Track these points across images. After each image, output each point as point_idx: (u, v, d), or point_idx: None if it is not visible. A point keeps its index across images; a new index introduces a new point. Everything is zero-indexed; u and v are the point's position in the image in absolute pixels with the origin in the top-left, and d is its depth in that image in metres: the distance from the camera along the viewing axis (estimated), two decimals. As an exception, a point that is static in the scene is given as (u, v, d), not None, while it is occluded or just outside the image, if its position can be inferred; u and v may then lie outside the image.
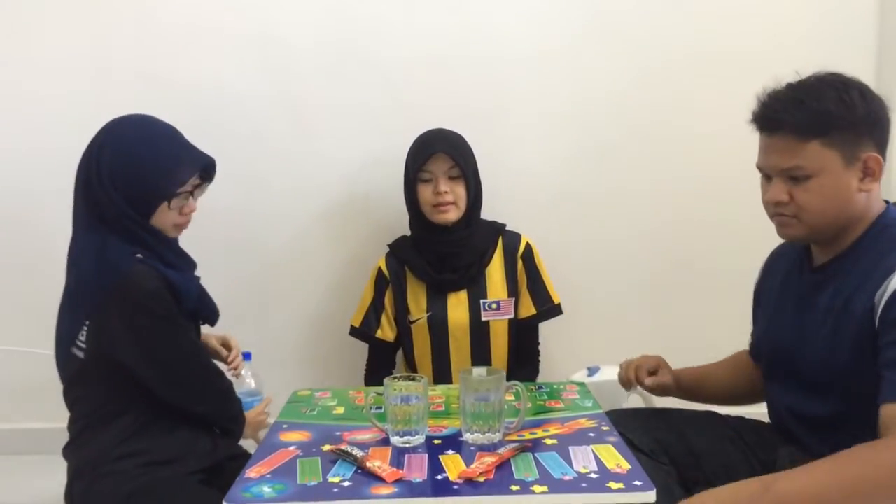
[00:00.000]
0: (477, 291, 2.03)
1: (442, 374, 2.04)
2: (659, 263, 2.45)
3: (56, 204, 2.26)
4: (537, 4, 2.34)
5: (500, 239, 2.08)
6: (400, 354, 2.19)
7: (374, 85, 2.34)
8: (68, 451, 1.50)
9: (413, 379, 1.37)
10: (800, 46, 2.31)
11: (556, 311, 2.10)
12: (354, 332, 2.13)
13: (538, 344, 2.15)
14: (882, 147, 1.28)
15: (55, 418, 1.43)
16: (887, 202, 1.35)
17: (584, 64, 2.36)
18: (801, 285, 1.40)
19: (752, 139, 2.39)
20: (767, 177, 1.34)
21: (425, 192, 1.98)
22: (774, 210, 1.33)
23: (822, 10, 2.36)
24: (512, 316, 2.06)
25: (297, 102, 2.34)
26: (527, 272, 2.07)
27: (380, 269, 2.09)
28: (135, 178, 1.42)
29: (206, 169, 1.51)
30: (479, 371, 1.40)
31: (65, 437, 1.51)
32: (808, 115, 1.24)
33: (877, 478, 1.06)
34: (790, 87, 1.30)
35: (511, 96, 2.37)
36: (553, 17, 2.34)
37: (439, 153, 1.95)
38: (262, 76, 2.32)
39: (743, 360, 1.64)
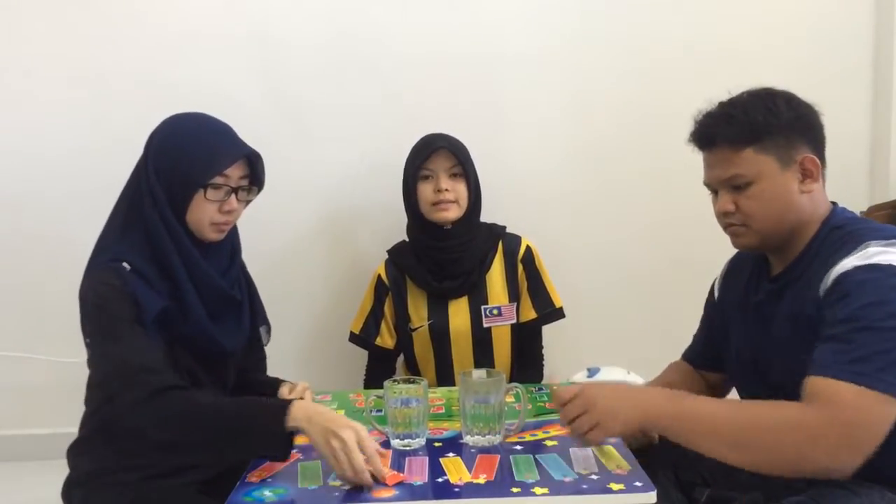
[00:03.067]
0: (478, 298, 2.02)
1: (444, 382, 2.02)
2: (659, 263, 2.45)
3: (57, 208, 2.29)
4: (534, 5, 2.35)
5: (500, 243, 2.07)
6: (401, 360, 2.19)
7: (372, 87, 2.34)
8: (72, 453, 1.49)
9: (413, 382, 1.38)
10: (796, 44, 2.32)
11: (557, 314, 2.09)
12: (354, 338, 2.12)
13: (541, 348, 2.14)
14: (818, 149, 1.34)
15: (55, 424, 1.42)
16: (834, 203, 1.37)
17: (582, 64, 2.37)
18: (760, 296, 1.42)
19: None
20: (715, 191, 1.40)
21: (425, 191, 1.96)
22: (725, 221, 1.38)
23: (818, 9, 2.36)
24: (514, 321, 2.05)
25: (295, 105, 2.34)
26: (527, 276, 2.06)
27: (379, 277, 2.08)
28: (174, 160, 1.41)
29: (251, 165, 1.48)
30: (479, 373, 1.40)
31: (65, 443, 1.51)
32: (738, 126, 1.31)
33: (765, 425, 1.15)
34: (721, 104, 1.37)
35: (509, 97, 2.37)
36: (550, 17, 2.35)
37: (441, 150, 1.94)
38: (260, 79, 2.33)
39: (688, 372, 1.64)
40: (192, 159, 1.41)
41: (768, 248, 1.39)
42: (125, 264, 1.37)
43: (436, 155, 1.95)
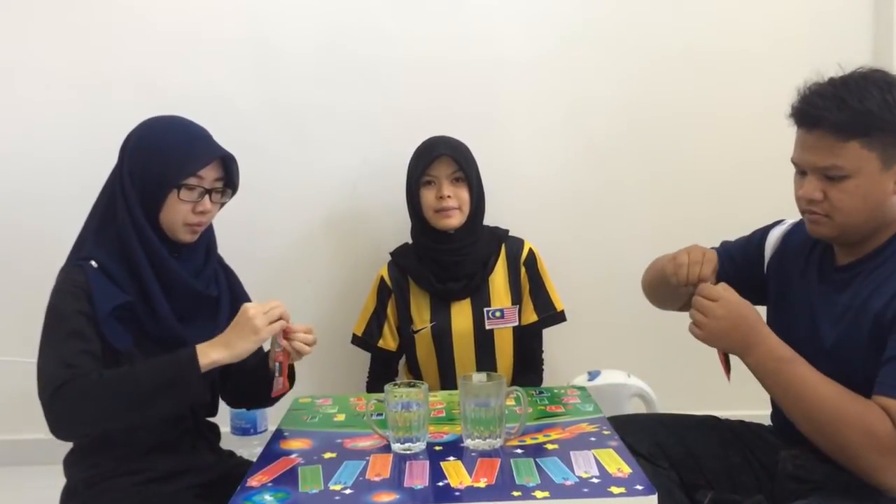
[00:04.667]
0: (480, 300, 2.02)
1: (446, 384, 2.02)
2: (659, 266, 2.45)
3: (56, 211, 2.28)
4: (533, 9, 2.35)
5: (503, 246, 2.07)
6: (402, 363, 2.18)
7: (371, 91, 2.34)
8: (68, 463, 1.49)
9: (413, 385, 1.37)
10: (794, 45, 2.31)
11: (558, 318, 2.09)
12: (356, 340, 2.12)
13: (542, 351, 2.14)
14: None
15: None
16: None
17: (581, 67, 2.37)
18: (821, 284, 1.38)
19: (749, 139, 2.38)
20: (802, 172, 1.30)
21: (428, 197, 1.97)
22: (806, 207, 1.31)
23: (816, 9, 2.36)
24: (516, 323, 2.05)
25: (295, 110, 2.34)
26: (529, 279, 2.06)
27: (382, 279, 2.08)
28: (149, 161, 1.41)
29: (225, 167, 1.48)
30: (479, 377, 1.39)
31: (64, 448, 1.50)
32: (850, 114, 1.21)
33: (850, 424, 1.18)
34: (833, 83, 1.27)
35: (508, 101, 2.37)
36: (549, 21, 2.35)
37: (443, 156, 1.95)
38: (259, 84, 2.33)
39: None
40: (166, 160, 1.41)
41: (841, 242, 1.34)
42: (93, 262, 1.38)
43: (438, 161, 1.95)
